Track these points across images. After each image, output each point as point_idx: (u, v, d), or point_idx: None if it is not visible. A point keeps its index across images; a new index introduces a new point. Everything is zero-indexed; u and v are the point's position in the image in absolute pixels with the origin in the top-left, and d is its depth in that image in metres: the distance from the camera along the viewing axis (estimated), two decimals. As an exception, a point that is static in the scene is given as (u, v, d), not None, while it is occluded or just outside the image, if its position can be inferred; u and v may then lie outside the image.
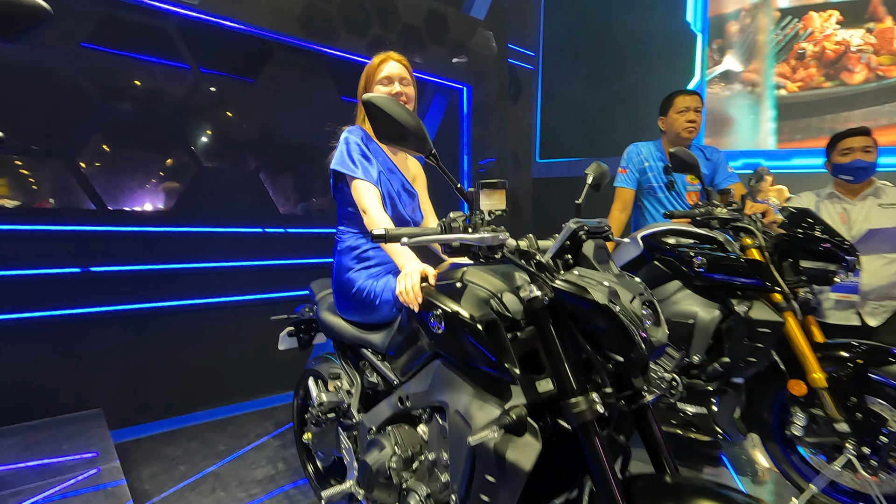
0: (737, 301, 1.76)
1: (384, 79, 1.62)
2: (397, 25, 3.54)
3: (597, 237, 1.11)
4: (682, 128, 2.37)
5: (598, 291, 0.96)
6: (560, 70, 5.93)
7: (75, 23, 2.59)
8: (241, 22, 2.86)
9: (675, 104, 2.39)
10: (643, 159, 2.46)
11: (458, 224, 1.02)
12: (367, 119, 0.99)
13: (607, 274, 1.03)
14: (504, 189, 1.00)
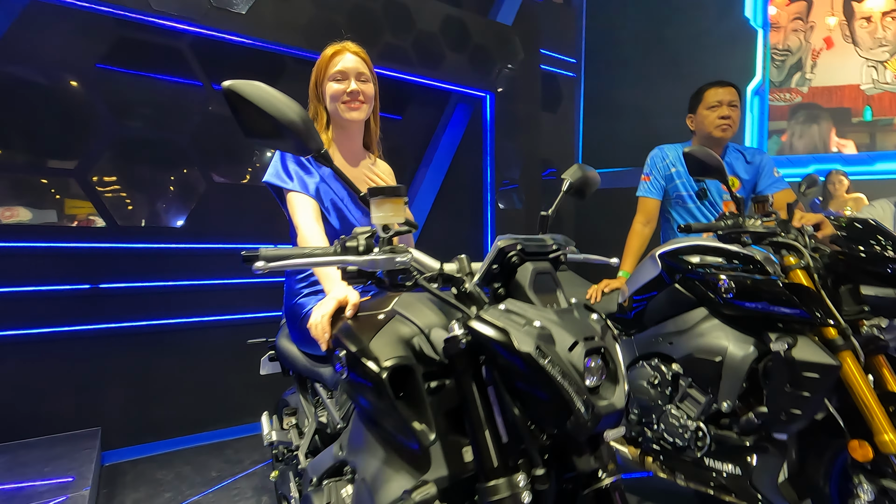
0: (776, 336, 1.39)
1: (337, 73, 1.43)
2: (411, 33, 3.40)
3: (538, 259, 0.85)
4: (713, 125, 2.02)
5: (522, 335, 0.70)
6: (605, 76, 5.60)
7: (90, 45, 2.64)
8: (247, 36, 2.82)
9: (704, 98, 2.05)
10: (669, 164, 2.12)
11: (358, 243, 0.80)
12: (232, 113, 0.79)
13: (545, 310, 0.77)
14: (402, 196, 0.77)
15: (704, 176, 1.51)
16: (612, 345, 0.78)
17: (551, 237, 0.92)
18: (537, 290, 0.81)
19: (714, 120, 2.01)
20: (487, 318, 0.74)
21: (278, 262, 0.77)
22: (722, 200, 2.09)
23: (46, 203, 2.68)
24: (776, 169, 2.08)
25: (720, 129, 2.01)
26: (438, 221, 3.75)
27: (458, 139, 3.85)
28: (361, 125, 1.53)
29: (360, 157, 1.57)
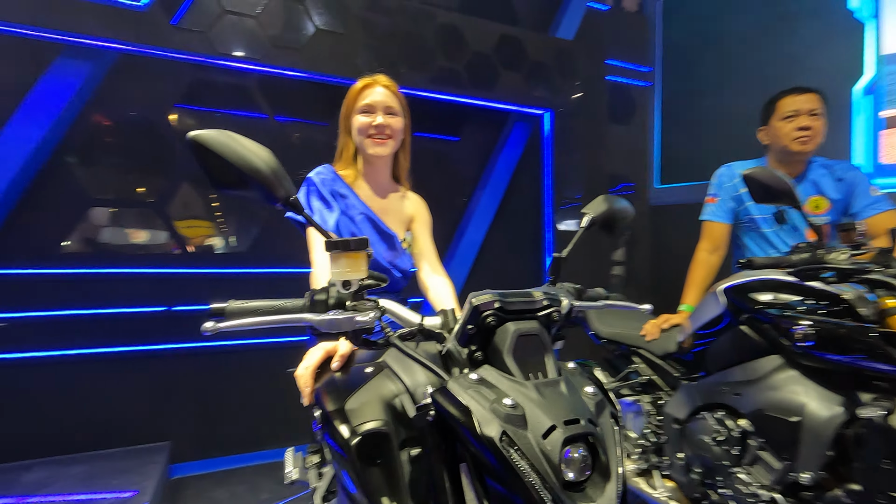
0: (869, 398, 1.14)
1: (365, 106, 1.41)
2: (465, 55, 3.37)
3: (523, 318, 0.74)
4: (789, 138, 1.74)
5: (487, 415, 0.60)
6: (684, 83, 5.22)
7: (170, 87, 2.89)
8: (305, 71, 2.95)
9: (778, 108, 1.78)
10: (738, 183, 1.87)
11: (328, 296, 0.74)
12: (198, 164, 0.76)
13: (523, 383, 0.66)
14: (360, 250, 0.70)
15: (770, 202, 1.28)
16: (608, 429, 0.65)
17: (545, 290, 0.81)
18: (520, 356, 0.70)
19: (790, 132, 1.74)
20: (453, 389, 0.65)
21: (227, 323, 0.72)
22: (806, 224, 1.79)
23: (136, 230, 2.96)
24: (874, 187, 1.75)
25: (799, 142, 1.73)
26: (496, 244, 3.65)
27: (516, 159, 3.74)
28: (389, 159, 1.49)
29: (389, 189, 1.53)
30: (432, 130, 3.63)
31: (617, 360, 2.01)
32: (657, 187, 5.01)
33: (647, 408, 1.82)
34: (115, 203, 2.93)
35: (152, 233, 2.96)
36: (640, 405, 1.85)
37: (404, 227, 1.53)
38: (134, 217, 2.98)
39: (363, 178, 1.48)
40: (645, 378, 1.85)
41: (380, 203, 1.48)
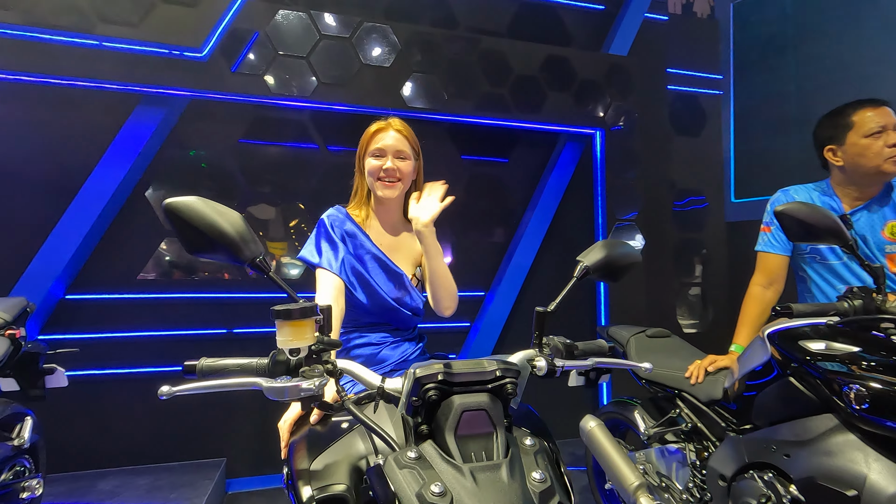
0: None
1: (376, 150, 1.44)
2: (509, 79, 3.35)
3: (472, 391, 0.69)
4: (881, 158, 1.52)
5: (414, 500, 0.57)
6: (759, 90, 4.85)
7: (233, 126, 3.13)
8: (352, 105, 3.07)
9: (857, 125, 1.56)
10: (798, 211, 1.66)
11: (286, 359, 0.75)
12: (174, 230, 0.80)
13: (459, 467, 0.61)
14: (304, 318, 0.70)
15: (810, 241, 1.13)
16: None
17: (501, 359, 0.75)
18: (465, 434, 0.66)
19: (881, 150, 1.51)
20: (388, 469, 0.62)
21: (182, 387, 0.75)
22: (885, 254, 1.56)
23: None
24: None
25: (892, 163, 1.51)
26: (545, 267, 3.55)
27: (566, 180, 3.63)
28: (400, 199, 1.50)
29: (401, 227, 1.54)
30: (481, 153, 3.63)
31: (661, 402, 1.86)
32: (733, 202, 4.65)
33: (691, 458, 1.66)
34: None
35: (216, 260, 3.20)
36: (685, 454, 1.69)
37: (415, 263, 1.53)
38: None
39: (375, 216, 1.51)
40: (689, 425, 1.69)
41: (390, 241, 1.50)
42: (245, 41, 2.88)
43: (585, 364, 0.91)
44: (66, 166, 2.75)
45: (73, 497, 2.35)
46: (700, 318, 4.25)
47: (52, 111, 2.74)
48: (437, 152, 3.45)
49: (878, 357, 1.10)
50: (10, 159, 2.68)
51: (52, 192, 2.72)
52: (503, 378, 0.72)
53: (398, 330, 1.47)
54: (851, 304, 1.13)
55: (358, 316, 1.45)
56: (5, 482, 1.65)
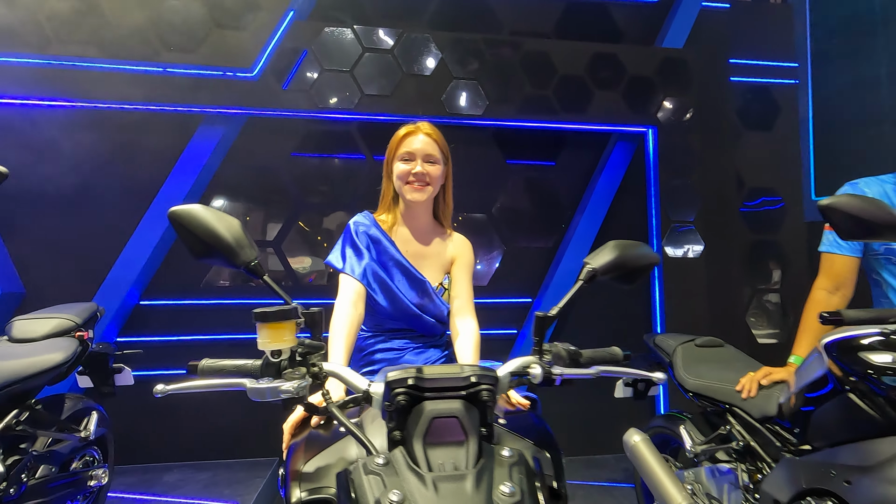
0: None
1: (405, 154, 1.44)
2: (553, 79, 3.27)
3: (445, 397, 0.67)
4: None
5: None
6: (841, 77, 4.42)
7: (288, 139, 3.30)
8: (395, 114, 3.14)
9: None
10: (867, 207, 1.48)
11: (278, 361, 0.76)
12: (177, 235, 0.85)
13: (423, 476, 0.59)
14: (283, 320, 0.71)
15: (862, 238, 0.99)
16: None
17: (479, 365, 0.72)
18: (436, 440, 0.63)
19: None
20: (354, 475, 0.62)
21: (176, 386, 0.78)
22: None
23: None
24: None
25: None
26: (596, 273, 3.41)
27: (617, 181, 3.48)
28: (428, 204, 1.50)
29: (430, 233, 1.53)
30: (527, 157, 3.57)
31: (712, 418, 1.71)
32: (813, 199, 4.25)
33: (743, 480, 1.51)
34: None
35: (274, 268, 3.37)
36: (737, 475, 1.55)
37: (443, 270, 1.51)
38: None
39: (403, 221, 1.51)
40: (741, 443, 1.54)
41: (417, 248, 1.49)
42: (294, 59, 3.03)
43: (588, 373, 0.85)
44: (139, 183, 3.01)
45: (141, 488, 2.55)
46: (779, 327, 3.89)
47: (126, 133, 3.02)
48: (481, 158, 3.43)
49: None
50: (91, 179, 2.98)
51: (127, 208, 2.99)
52: (479, 385, 0.69)
53: (423, 336, 1.46)
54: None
55: (381, 321, 1.46)
56: (75, 470, 1.82)
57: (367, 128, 3.30)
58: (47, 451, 1.67)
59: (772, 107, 4.27)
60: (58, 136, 2.94)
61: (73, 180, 2.94)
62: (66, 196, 2.93)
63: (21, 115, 2.90)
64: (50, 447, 1.68)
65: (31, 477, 1.59)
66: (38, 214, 2.92)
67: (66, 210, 2.94)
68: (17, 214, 2.91)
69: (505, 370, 0.83)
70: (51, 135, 2.94)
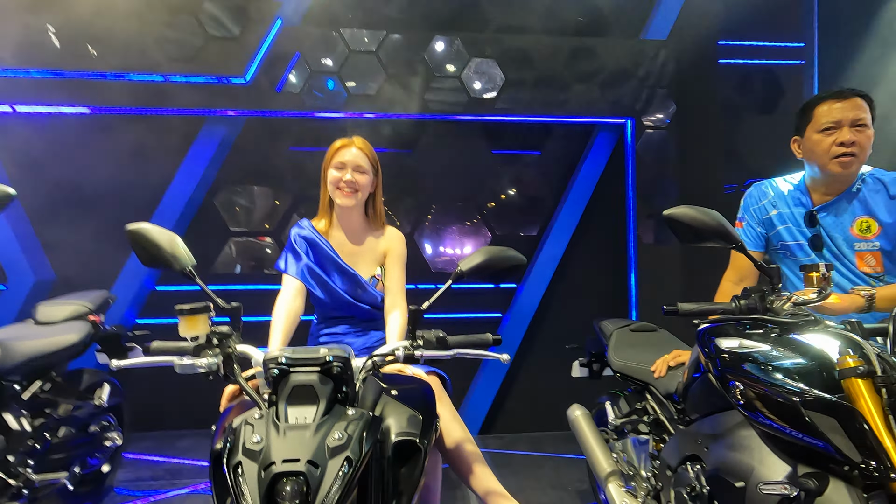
0: (805, 472, 0.97)
1: (338, 163, 1.65)
2: (533, 74, 3.40)
3: (304, 371, 0.89)
4: (827, 157, 1.44)
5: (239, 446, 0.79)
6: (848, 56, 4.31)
7: (286, 136, 3.54)
8: (381, 113, 3.34)
9: (815, 118, 1.48)
10: (768, 205, 1.62)
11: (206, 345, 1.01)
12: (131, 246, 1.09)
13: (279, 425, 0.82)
14: (202, 313, 0.94)
15: (698, 243, 1.15)
16: (331, 471, 0.77)
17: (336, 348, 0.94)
18: (294, 402, 0.86)
19: (828, 148, 1.44)
20: (236, 424, 0.85)
21: (127, 361, 1.03)
22: (854, 251, 1.47)
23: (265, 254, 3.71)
24: None
25: (838, 163, 1.42)
26: (575, 261, 3.56)
27: (598, 172, 3.59)
28: (359, 207, 1.71)
29: (362, 232, 1.75)
30: (512, 148, 3.72)
31: (633, 394, 1.90)
32: None
33: (651, 449, 1.71)
34: (247, 234, 3.70)
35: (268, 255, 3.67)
36: (649, 445, 1.74)
37: (377, 263, 1.73)
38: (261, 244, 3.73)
39: (338, 224, 1.73)
40: (652, 417, 1.73)
41: (351, 247, 1.71)
42: (285, 64, 3.25)
43: (447, 354, 1.06)
44: (151, 181, 3.31)
45: (158, 451, 2.92)
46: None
47: (136, 135, 3.29)
48: (467, 149, 3.60)
49: (770, 356, 1.11)
50: (108, 178, 3.28)
51: (142, 201, 3.30)
52: (332, 363, 0.92)
53: (362, 321, 1.70)
54: (738, 304, 1.13)
55: (325, 311, 1.71)
56: (92, 432, 2.16)
57: (361, 126, 3.49)
58: (67, 415, 1.99)
59: (776, 89, 4.24)
60: (77, 139, 3.27)
61: (92, 180, 3.26)
62: (87, 194, 3.26)
63: (43, 122, 3.24)
64: (70, 412, 2.01)
65: (54, 436, 1.92)
66: (64, 211, 3.27)
67: (88, 206, 3.26)
68: (46, 212, 3.26)
69: (378, 351, 1.05)
70: (71, 139, 3.26)
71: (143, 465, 2.80)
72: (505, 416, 3.52)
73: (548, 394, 3.21)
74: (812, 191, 1.56)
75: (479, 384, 3.47)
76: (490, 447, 3.26)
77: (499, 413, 3.51)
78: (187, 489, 2.52)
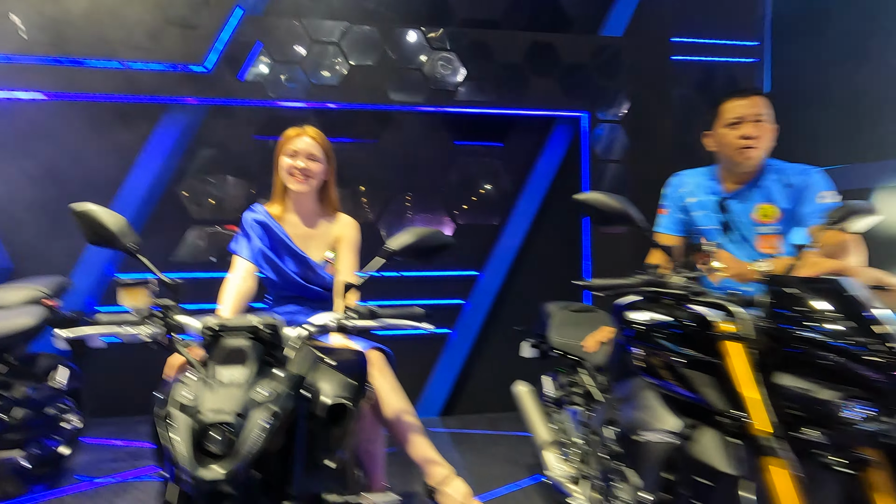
0: (686, 422, 1.11)
1: (291, 150, 1.73)
2: (492, 67, 3.51)
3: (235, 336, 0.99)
4: (733, 148, 1.60)
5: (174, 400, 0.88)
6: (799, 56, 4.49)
7: (249, 125, 3.56)
8: (344, 103, 3.40)
9: (721, 114, 1.64)
10: (686, 193, 1.76)
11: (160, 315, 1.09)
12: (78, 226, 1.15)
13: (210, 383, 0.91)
14: (141, 286, 1.02)
15: (608, 226, 1.28)
16: (253, 422, 0.87)
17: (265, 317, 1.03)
18: (226, 362, 0.95)
19: (733, 141, 1.60)
20: (175, 384, 0.94)
21: (77, 331, 1.10)
22: (756, 234, 1.63)
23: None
24: (825, 193, 1.52)
25: (742, 154, 1.59)
26: (534, 250, 3.71)
27: (556, 163, 3.73)
28: (312, 193, 1.79)
29: (315, 217, 1.83)
30: (475, 139, 3.82)
31: (569, 371, 2.05)
32: None
33: (583, 418, 1.85)
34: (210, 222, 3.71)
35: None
36: (582, 415, 1.89)
37: (328, 247, 1.81)
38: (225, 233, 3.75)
39: (293, 209, 1.81)
40: (584, 389, 1.87)
41: (304, 230, 1.80)
42: (247, 53, 3.27)
43: (375, 325, 1.15)
44: (110, 169, 3.29)
45: (119, 436, 2.95)
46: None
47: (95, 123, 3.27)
48: (430, 140, 3.68)
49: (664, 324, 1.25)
50: (65, 167, 3.25)
51: (101, 188, 3.28)
52: (261, 329, 1.01)
53: (313, 301, 1.79)
54: (638, 279, 1.26)
55: (278, 291, 1.79)
56: (49, 414, 2.20)
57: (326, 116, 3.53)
58: (23, 397, 2.03)
59: (728, 86, 4.41)
60: (33, 126, 3.22)
61: (49, 168, 3.22)
62: (44, 182, 3.22)
63: (0, 107, 3.20)
64: (25, 394, 2.05)
65: (10, 416, 1.96)
66: (21, 199, 3.23)
67: (45, 195, 3.22)
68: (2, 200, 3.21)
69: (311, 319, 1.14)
70: (27, 126, 3.22)
71: (103, 449, 2.83)
72: (465, 398, 3.66)
73: (506, 375, 3.32)
74: (722, 180, 1.71)
75: (441, 368, 3.59)
76: (451, 427, 3.39)
77: (460, 395, 3.65)
78: (147, 471, 2.57)
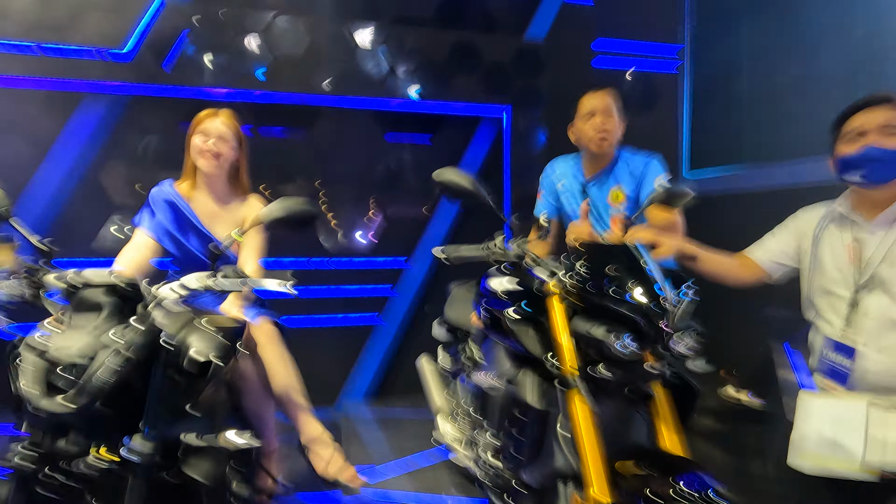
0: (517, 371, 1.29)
1: (202, 131, 1.81)
2: (419, 64, 3.65)
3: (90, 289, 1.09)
4: (587, 138, 1.82)
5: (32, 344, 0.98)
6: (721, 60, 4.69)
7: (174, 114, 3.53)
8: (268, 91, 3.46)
9: (579, 108, 1.86)
10: (557, 178, 1.96)
11: None
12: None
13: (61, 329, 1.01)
14: (9, 243, 1.11)
15: (458, 200, 1.43)
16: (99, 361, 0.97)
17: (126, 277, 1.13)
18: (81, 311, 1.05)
19: (589, 132, 1.82)
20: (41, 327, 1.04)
21: None
22: (609, 216, 1.84)
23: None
24: (662, 177, 1.75)
25: (595, 143, 1.80)
26: (459, 237, 3.87)
27: (481, 158, 3.92)
28: (222, 174, 1.88)
29: (225, 197, 1.92)
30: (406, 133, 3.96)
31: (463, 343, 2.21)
32: (687, 176, 4.64)
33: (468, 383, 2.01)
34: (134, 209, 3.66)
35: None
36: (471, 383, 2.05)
37: (236, 226, 1.89)
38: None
39: (204, 187, 1.89)
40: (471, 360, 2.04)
41: (212, 210, 1.88)
42: (173, 39, 3.28)
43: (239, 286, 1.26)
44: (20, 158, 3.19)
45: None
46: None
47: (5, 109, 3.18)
48: (360, 134, 3.79)
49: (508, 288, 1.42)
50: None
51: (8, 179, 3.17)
52: (119, 283, 1.11)
53: (213, 277, 1.87)
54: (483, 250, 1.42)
55: (183, 268, 1.87)
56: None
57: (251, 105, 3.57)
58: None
59: (651, 89, 4.68)
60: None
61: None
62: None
63: None
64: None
65: None
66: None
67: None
68: None
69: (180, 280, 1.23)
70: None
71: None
72: (392, 382, 3.79)
73: (431, 360, 3.50)
74: (584, 168, 1.92)
75: (368, 354, 3.71)
76: (377, 411, 3.51)
77: (387, 380, 3.77)
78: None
